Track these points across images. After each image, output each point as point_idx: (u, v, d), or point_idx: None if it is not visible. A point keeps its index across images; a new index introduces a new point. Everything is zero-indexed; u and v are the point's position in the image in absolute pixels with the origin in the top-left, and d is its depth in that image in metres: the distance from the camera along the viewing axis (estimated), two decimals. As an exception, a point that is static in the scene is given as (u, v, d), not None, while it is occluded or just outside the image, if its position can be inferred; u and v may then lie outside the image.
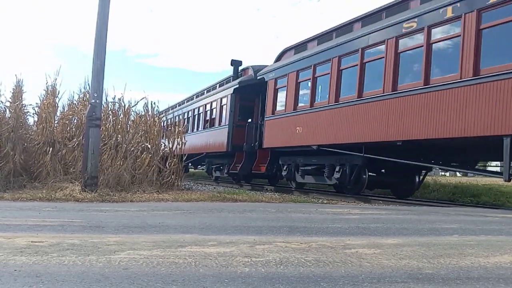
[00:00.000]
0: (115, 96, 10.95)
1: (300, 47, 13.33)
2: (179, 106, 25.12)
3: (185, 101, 24.06)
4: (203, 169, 27.65)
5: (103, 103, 9.01)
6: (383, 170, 11.82)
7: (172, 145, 10.97)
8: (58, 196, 7.32)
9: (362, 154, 10.21)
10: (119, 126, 10.21)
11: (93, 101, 8.03)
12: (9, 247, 3.03)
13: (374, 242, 3.61)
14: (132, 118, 10.97)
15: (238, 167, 16.07)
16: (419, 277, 2.51)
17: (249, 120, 16.73)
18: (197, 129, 20.55)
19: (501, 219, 5.80)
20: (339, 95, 10.92)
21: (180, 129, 11.85)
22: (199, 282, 2.29)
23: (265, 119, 14.20)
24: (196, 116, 21.18)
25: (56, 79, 10.17)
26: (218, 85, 19.07)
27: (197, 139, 19.70)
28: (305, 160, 12.54)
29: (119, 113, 10.65)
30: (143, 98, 10.95)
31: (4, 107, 9.88)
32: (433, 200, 11.85)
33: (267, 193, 11.32)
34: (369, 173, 10.94)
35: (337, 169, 11.10)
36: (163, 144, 10.92)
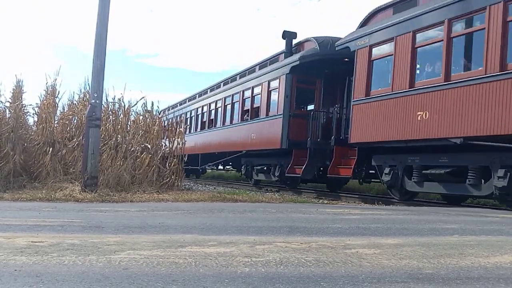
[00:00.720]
0: (115, 96, 10.97)
1: (403, 3, 9.70)
2: (199, 96, 21.68)
3: (208, 90, 20.53)
4: (228, 170, 23.35)
5: (103, 103, 9.02)
6: None
7: (172, 145, 10.96)
8: (58, 196, 7.32)
9: None
10: (119, 126, 10.22)
11: (93, 101, 8.03)
12: (9, 247, 3.03)
13: (374, 242, 3.61)
14: (132, 118, 10.98)
15: (298, 170, 12.51)
16: (419, 277, 2.51)
17: (309, 108, 13.69)
18: (231, 122, 16.85)
19: (502, 219, 5.80)
20: (505, 60, 7.39)
21: (180, 129, 11.82)
22: (199, 282, 2.28)
23: (353, 103, 10.51)
24: (229, 107, 17.31)
25: (56, 79, 10.19)
26: (258, 67, 15.48)
27: (231, 134, 16.44)
28: (426, 160, 8.98)
29: (119, 113, 10.66)
30: (142, 97, 10.95)
31: (4, 107, 9.89)
32: (433, 200, 11.84)
33: (267, 193, 11.31)
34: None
35: (499, 173, 7.52)
36: (163, 145, 10.92)
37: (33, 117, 10.46)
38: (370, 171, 11.03)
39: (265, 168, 15.04)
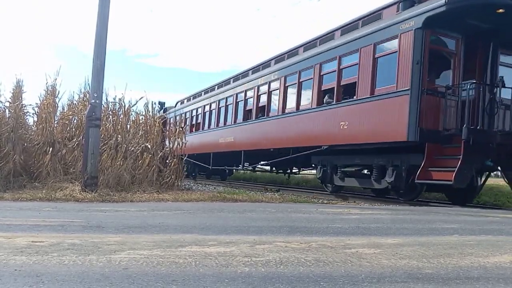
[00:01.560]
0: (115, 96, 10.98)
1: None
2: (235, 81, 17.26)
3: (250, 71, 16.24)
4: (273, 172, 17.74)
5: (103, 103, 9.02)
6: None
7: (173, 145, 10.96)
8: (58, 196, 7.32)
9: None
10: (119, 126, 10.23)
11: (93, 101, 8.03)
12: (10, 247, 3.03)
13: (374, 242, 3.62)
14: (132, 118, 10.99)
15: (438, 174, 8.46)
16: (419, 276, 2.51)
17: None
18: (298, 109, 12.56)
19: (502, 219, 5.81)
20: None
21: (180, 129, 11.80)
22: (199, 282, 2.29)
23: None
24: (292, 88, 13.04)
25: (56, 79, 10.18)
26: (339, 31, 11.45)
27: (297, 125, 12.39)
28: None
29: (119, 113, 10.67)
30: (142, 97, 10.95)
31: (4, 107, 9.89)
32: (433, 200, 11.84)
33: (267, 193, 11.31)
34: None
35: None
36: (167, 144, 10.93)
37: (33, 117, 10.47)
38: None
39: (355, 170, 11.08)
